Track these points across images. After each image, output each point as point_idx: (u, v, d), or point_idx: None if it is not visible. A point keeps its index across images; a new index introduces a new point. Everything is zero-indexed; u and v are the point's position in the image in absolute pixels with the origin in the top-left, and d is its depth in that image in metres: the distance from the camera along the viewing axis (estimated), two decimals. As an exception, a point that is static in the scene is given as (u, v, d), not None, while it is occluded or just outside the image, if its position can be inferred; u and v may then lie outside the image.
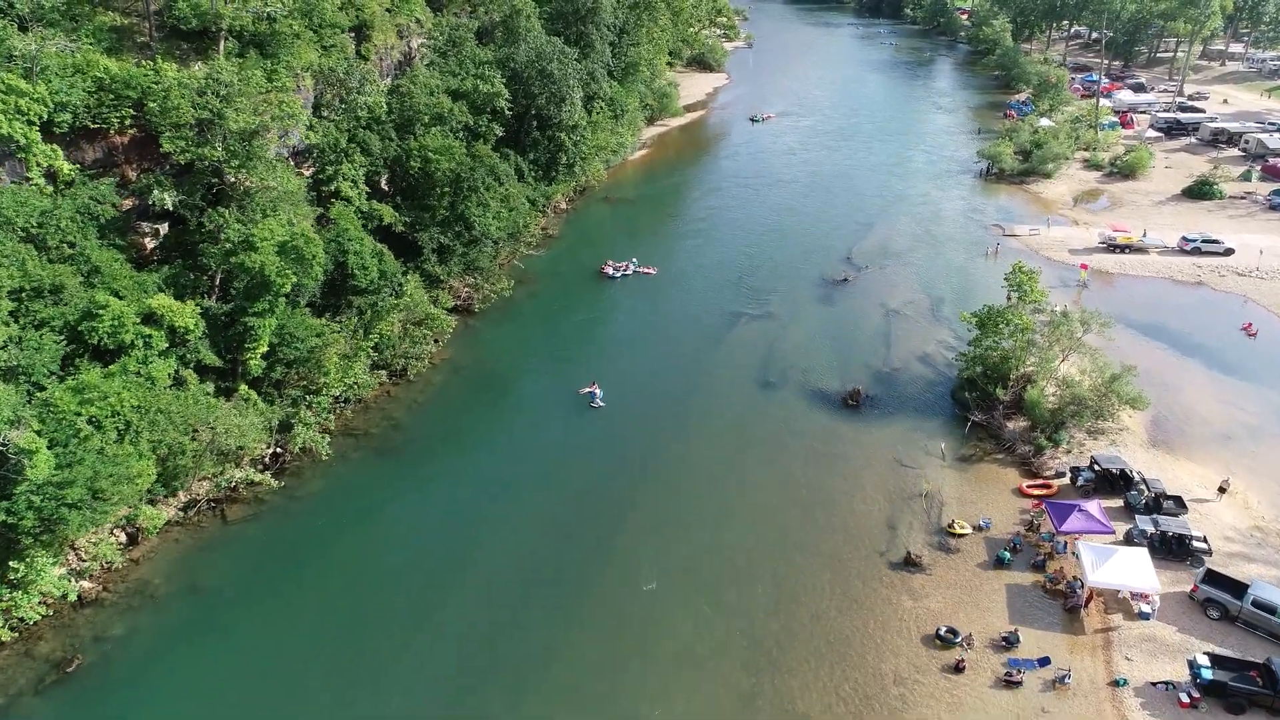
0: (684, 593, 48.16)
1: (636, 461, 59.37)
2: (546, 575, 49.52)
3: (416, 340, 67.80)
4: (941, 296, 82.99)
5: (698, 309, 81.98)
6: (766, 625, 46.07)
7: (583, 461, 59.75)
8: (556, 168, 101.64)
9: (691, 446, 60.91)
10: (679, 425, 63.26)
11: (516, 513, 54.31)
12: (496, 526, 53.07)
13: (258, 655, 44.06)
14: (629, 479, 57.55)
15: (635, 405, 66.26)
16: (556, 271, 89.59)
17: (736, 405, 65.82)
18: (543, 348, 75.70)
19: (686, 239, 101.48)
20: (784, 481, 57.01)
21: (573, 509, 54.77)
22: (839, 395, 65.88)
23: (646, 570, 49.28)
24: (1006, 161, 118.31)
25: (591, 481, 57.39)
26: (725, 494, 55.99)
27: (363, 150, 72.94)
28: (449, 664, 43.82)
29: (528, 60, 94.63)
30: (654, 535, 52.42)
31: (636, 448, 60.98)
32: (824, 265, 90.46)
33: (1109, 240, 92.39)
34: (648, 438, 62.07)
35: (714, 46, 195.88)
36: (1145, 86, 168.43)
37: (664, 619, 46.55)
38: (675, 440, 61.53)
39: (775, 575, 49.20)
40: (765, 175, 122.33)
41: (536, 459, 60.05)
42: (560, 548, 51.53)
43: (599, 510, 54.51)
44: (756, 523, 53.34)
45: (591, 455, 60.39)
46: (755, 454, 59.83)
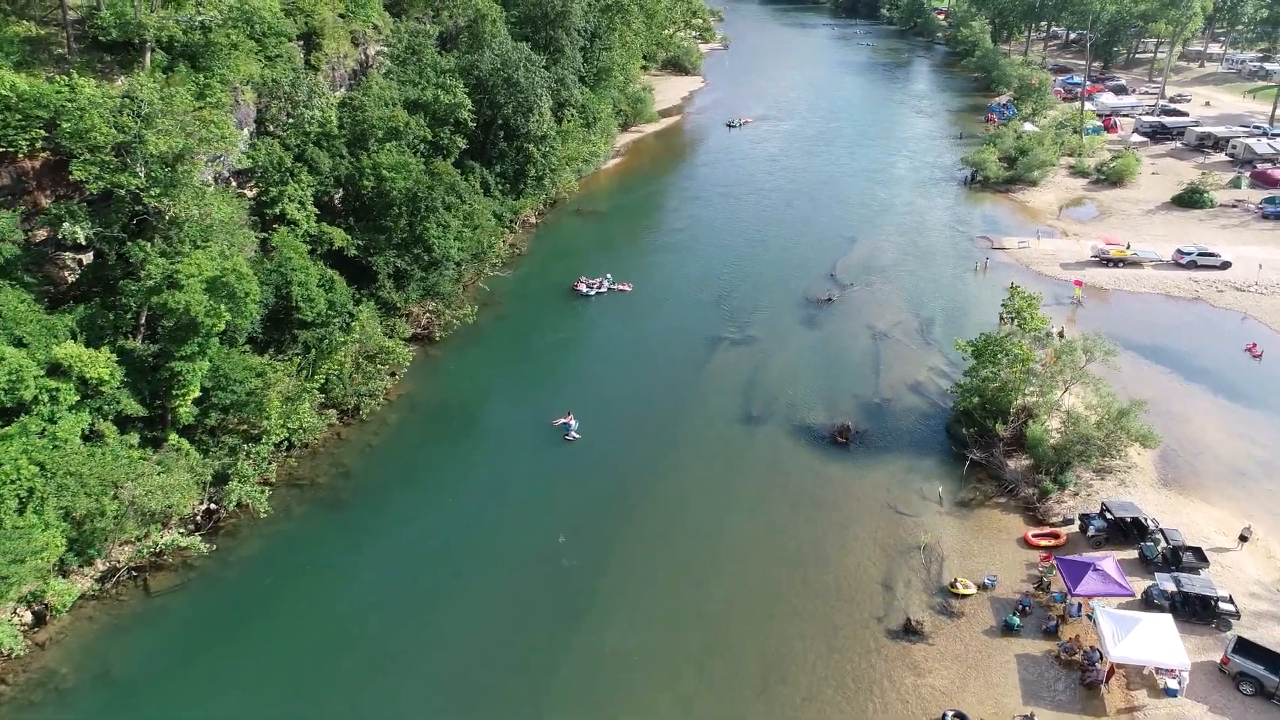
0: (663, 665, 42.96)
1: (613, 505, 54.17)
2: (512, 640, 44.25)
3: (370, 376, 62.08)
4: (930, 317, 78.20)
5: (676, 330, 76.80)
6: (753, 708, 40.94)
7: (555, 505, 54.41)
8: (525, 180, 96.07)
9: (672, 490, 55.69)
10: (658, 464, 58.07)
11: (479, 570, 48.90)
12: (456, 589, 47.63)
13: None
14: (605, 526, 52.36)
15: (612, 437, 61.21)
16: (526, 291, 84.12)
17: (719, 442, 60.66)
18: (512, 376, 70.26)
19: (663, 253, 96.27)
20: (772, 532, 51.86)
21: (543, 561, 49.44)
22: (827, 431, 60.86)
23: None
24: (991, 169, 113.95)
25: (564, 529, 52.02)
26: (709, 547, 50.77)
27: (311, 169, 67.10)
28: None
29: (492, 68, 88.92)
30: (631, 594, 47.22)
31: (613, 488, 55.78)
32: (807, 282, 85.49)
33: (1101, 254, 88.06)
34: (625, 477, 56.90)
35: (689, 49, 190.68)
36: (1126, 89, 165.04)
37: (642, 696, 41.34)
38: (655, 481, 56.32)
39: (763, 646, 44.05)
40: (745, 183, 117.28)
41: (504, 504, 54.70)
42: (528, 608, 46.20)
43: (571, 566, 49.16)
44: (742, 582, 48.17)
45: (564, 498, 55.07)
46: (740, 500, 54.67)
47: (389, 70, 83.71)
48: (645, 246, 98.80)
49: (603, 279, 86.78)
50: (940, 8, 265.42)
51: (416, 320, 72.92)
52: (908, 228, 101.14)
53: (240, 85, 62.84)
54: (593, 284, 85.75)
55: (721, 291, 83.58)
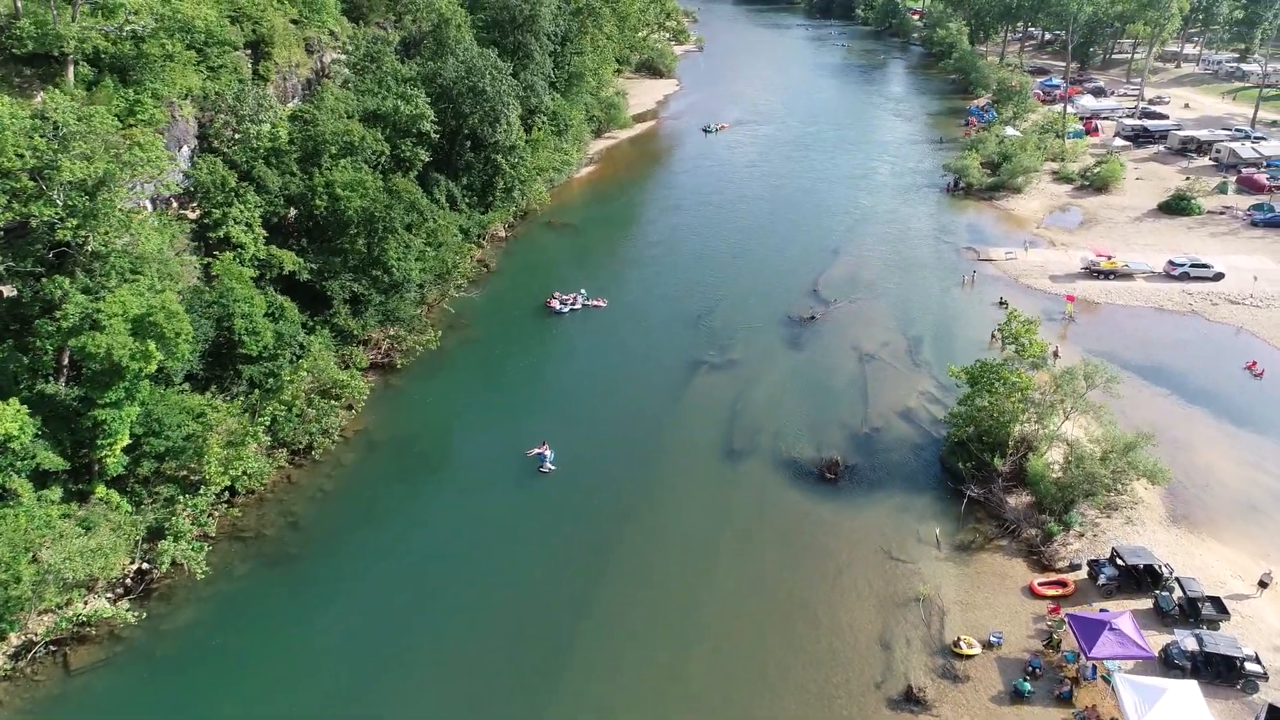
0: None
1: (589, 551, 49.95)
2: (483, 707, 39.83)
3: (323, 412, 57.17)
4: (918, 335, 74.30)
5: (655, 350, 72.49)
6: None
7: (527, 549, 50.13)
8: (493, 193, 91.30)
9: (652, 534, 51.34)
10: (638, 504, 53.75)
11: (444, 627, 44.41)
12: (419, 649, 43.13)
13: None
14: (581, 574, 48.18)
15: (589, 470, 57.35)
16: (496, 310, 79.51)
17: (700, 479, 56.38)
18: (481, 403, 65.68)
19: (639, 266, 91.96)
20: (758, 585, 47.56)
21: (510, 620, 44.98)
22: (815, 466, 56.72)
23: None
24: (974, 175, 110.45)
25: (536, 579, 47.72)
26: (691, 602, 46.39)
27: (259, 188, 62.06)
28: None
29: (456, 76, 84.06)
30: (607, 658, 42.85)
31: (590, 531, 51.56)
32: (789, 298, 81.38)
33: (1092, 265, 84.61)
34: (603, 517, 52.69)
35: (663, 51, 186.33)
36: (1105, 90, 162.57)
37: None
38: (634, 524, 51.99)
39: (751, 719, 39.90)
40: (723, 191, 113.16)
41: (472, 549, 50.43)
42: (497, 671, 41.75)
43: (543, 622, 44.79)
44: (728, 644, 43.83)
45: (538, 540, 50.83)
46: (724, 546, 50.37)
47: (346, 80, 78.65)
48: (621, 259, 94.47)
49: (577, 295, 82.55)
50: (915, 8, 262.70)
51: (377, 346, 68.15)
52: (891, 237, 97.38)
53: (177, 100, 57.75)
54: (567, 300, 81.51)
55: (701, 308, 79.33)
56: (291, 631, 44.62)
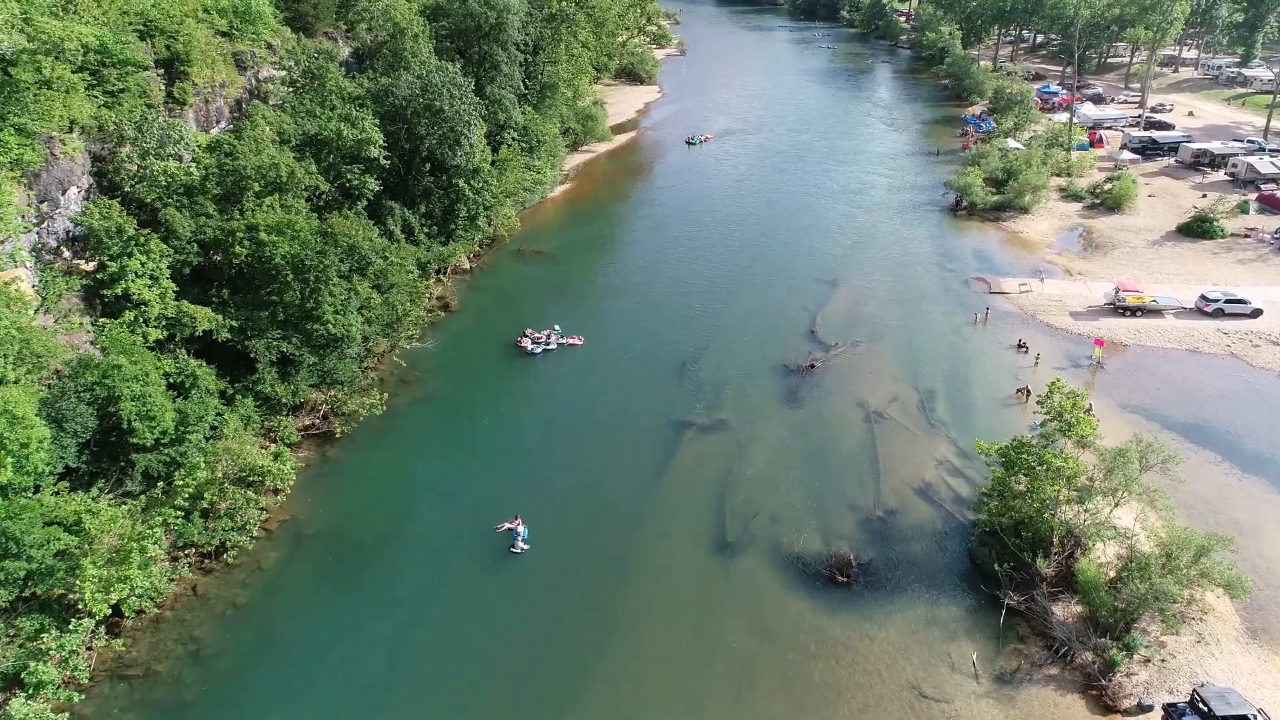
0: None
1: (563, 673, 40.36)
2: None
3: (237, 505, 47.40)
4: (931, 387, 65.21)
5: (636, 408, 63.08)
6: None
7: (490, 667, 40.63)
8: (455, 221, 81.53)
9: (633, 662, 41.90)
10: (618, 611, 44.41)
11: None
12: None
13: None
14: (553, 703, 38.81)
15: (565, 556, 48.78)
16: (457, 355, 70.00)
17: (689, 584, 46.85)
18: (438, 471, 56.16)
19: (620, 297, 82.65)
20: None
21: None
22: (822, 565, 47.49)
23: None
24: (977, 194, 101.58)
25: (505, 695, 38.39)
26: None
27: (167, 233, 52.19)
28: None
29: (410, 95, 74.20)
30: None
31: (565, 646, 41.97)
32: (785, 340, 72.14)
33: (1116, 301, 75.77)
34: (581, 626, 43.38)
35: (644, 56, 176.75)
36: (1104, 97, 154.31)
37: None
38: (614, 640, 42.53)
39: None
40: (711, 209, 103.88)
41: (424, 665, 40.86)
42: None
43: None
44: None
45: (504, 655, 41.22)
46: (716, 683, 40.91)
47: (282, 100, 68.64)
48: (599, 289, 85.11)
49: (550, 331, 73.56)
50: (902, 9, 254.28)
51: (315, 409, 58.44)
52: (892, 264, 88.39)
53: (58, 134, 47.70)
54: (539, 338, 72.48)
55: (687, 351, 70.00)
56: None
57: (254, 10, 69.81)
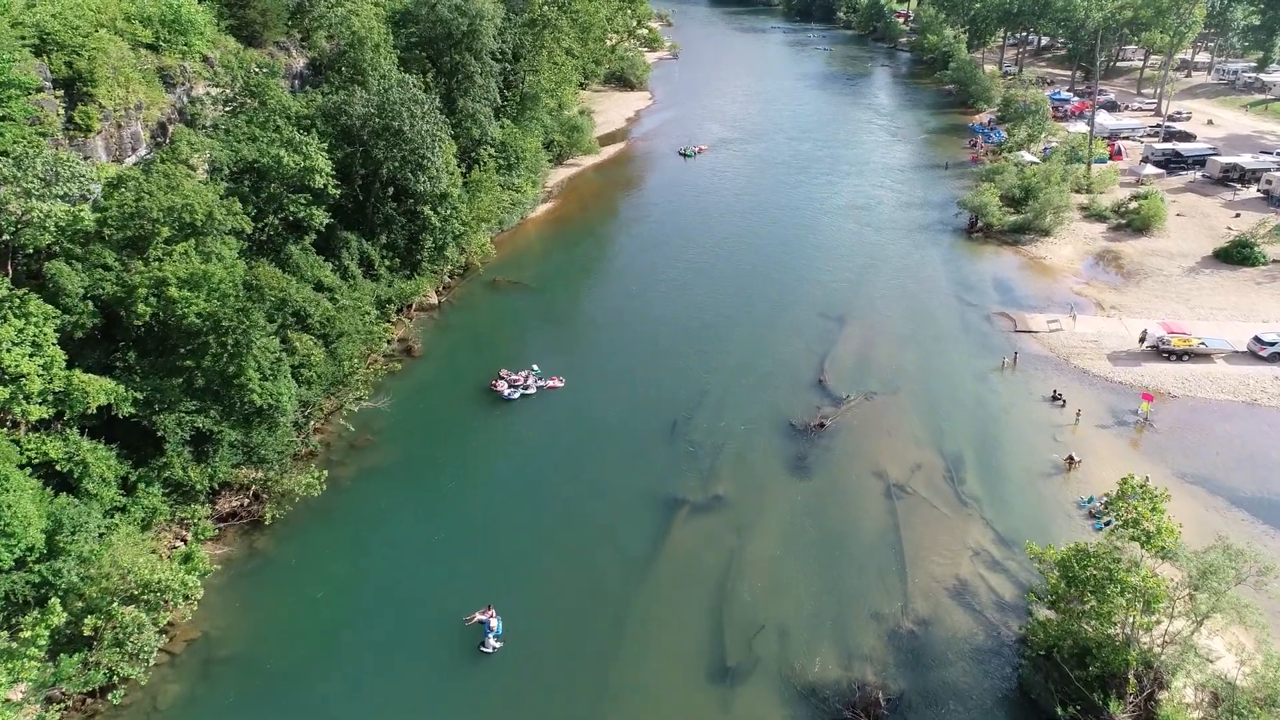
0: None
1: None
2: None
3: (128, 630, 38.30)
4: (958, 451, 56.31)
5: (622, 471, 54.61)
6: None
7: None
8: (421, 251, 72.40)
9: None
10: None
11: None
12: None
13: None
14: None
15: (542, 660, 40.84)
16: (421, 406, 61.37)
17: (681, 716, 38.21)
18: (392, 556, 47.51)
19: (604, 332, 74.09)
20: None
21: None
22: (843, 702, 38.59)
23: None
24: (993, 214, 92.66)
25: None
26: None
27: (53, 293, 43.04)
28: None
29: (364, 114, 65.01)
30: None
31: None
32: (789, 393, 63.23)
33: (1160, 343, 66.94)
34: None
35: (634, 61, 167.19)
36: (1117, 104, 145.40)
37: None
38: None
39: None
40: (706, 231, 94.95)
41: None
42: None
43: None
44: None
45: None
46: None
47: (215, 123, 59.33)
48: (582, 323, 76.41)
49: (528, 372, 65.38)
50: (901, 10, 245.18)
51: (244, 489, 49.35)
52: (905, 295, 79.50)
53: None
54: (516, 380, 64.18)
55: (680, 404, 61.11)
56: None
57: (185, 19, 60.51)
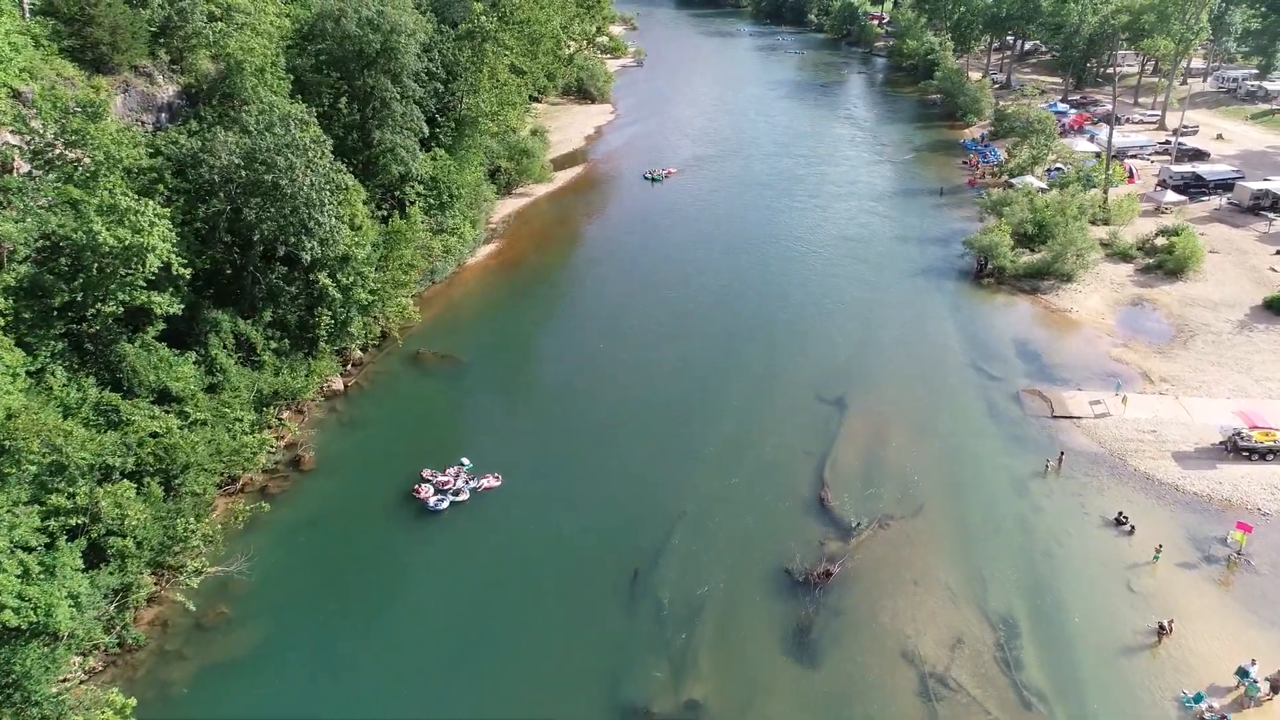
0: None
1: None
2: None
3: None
4: (1009, 616, 41.93)
5: (564, 663, 39.68)
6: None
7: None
8: (317, 330, 56.92)
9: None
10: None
11: None
12: None
13: None
14: None
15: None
16: (309, 541, 46.57)
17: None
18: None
19: (552, 410, 60.64)
20: None
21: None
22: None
23: None
24: (1005, 255, 78.80)
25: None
26: None
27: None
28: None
29: (229, 166, 49.37)
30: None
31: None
32: (782, 518, 48.69)
33: (1238, 437, 53.20)
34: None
35: (595, 70, 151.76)
36: (1112, 115, 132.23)
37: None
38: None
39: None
40: (677, 277, 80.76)
41: None
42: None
43: None
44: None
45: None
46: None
47: (8, 185, 43.45)
48: (527, 401, 62.35)
49: (458, 469, 51.61)
50: (875, 12, 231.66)
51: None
52: (913, 364, 65.40)
53: None
54: (443, 482, 50.30)
55: (643, 538, 46.50)
56: None
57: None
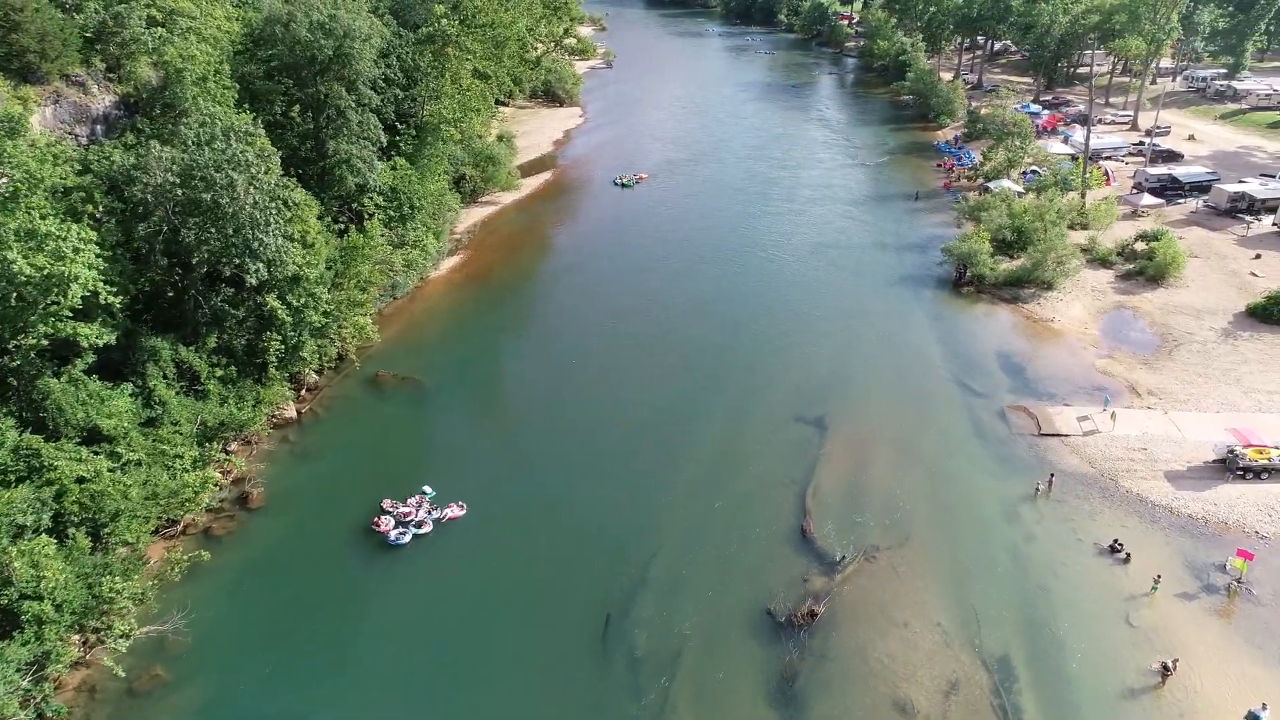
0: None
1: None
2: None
3: None
4: (1005, 657, 39.39)
5: (539, 708, 36.72)
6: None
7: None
8: (266, 355, 53.26)
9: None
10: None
11: None
12: None
13: None
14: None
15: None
16: (256, 588, 43.27)
17: None
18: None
19: (518, 433, 57.60)
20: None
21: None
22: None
23: None
24: (985, 263, 76.74)
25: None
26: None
27: None
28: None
29: (165, 184, 45.64)
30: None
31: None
32: (762, 552, 45.84)
33: (1233, 455, 51.18)
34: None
35: (563, 73, 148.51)
36: (1089, 117, 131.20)
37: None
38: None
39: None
40: (649, 287, 77.57)
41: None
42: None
43: None
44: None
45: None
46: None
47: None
48: (492, 423, 59.15)
49: (420, 498, 49.25)
50: (844, 12, 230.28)
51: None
52: (895, 379, 62.96)
53: None
54: (404, 513, 47.28)
55: (614, 576, 43.51)
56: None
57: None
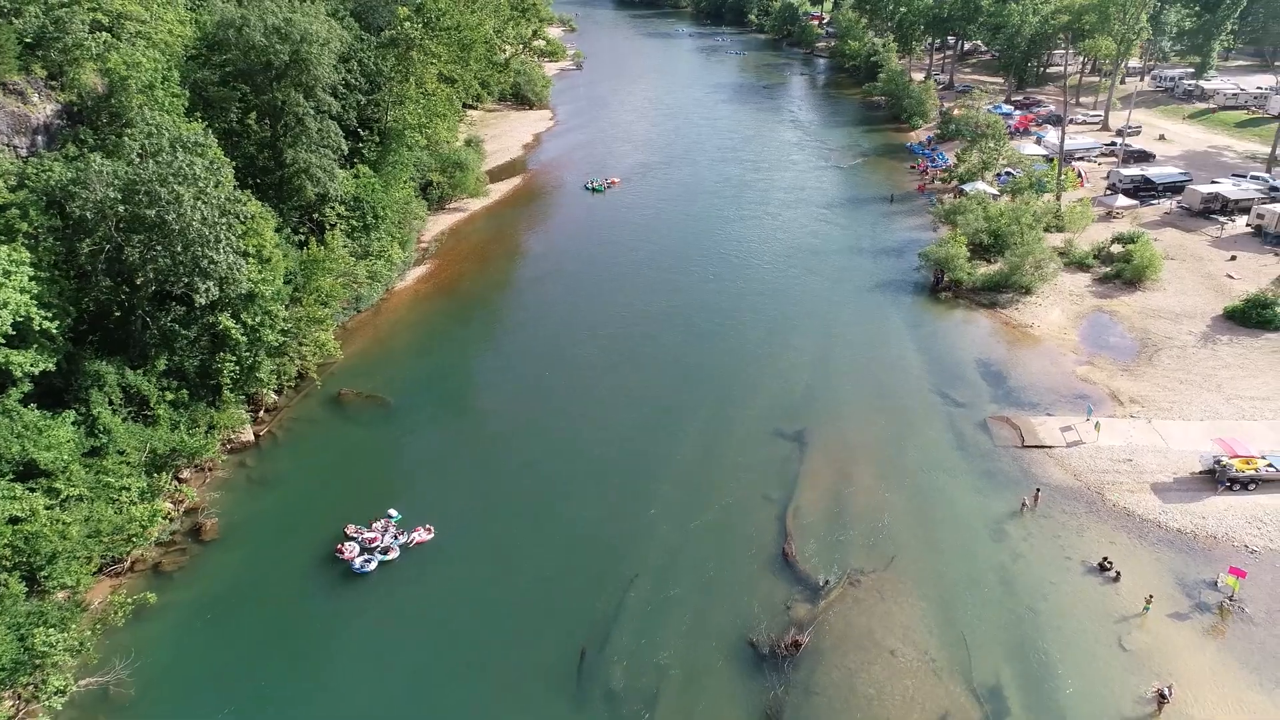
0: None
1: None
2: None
3: None
4: (996, 688, 37.77)
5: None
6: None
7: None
8: (220, 377, 50.57)
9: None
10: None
11: None
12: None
13: None
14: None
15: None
16: (210, 629, 40.62)
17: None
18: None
19: (488, 451, 55.03)
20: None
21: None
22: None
23: None
24: (962, 269, 75.57)
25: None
26: None
27: None
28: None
29: (106, 202, 42.87)
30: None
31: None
32: (745, 582, 43.92)
33: (1219, 466, 50.13)
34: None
35: (532, 75, 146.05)
36: (1060, 117, 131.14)
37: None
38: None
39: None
40: (622, 296, 75.63)
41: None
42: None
43: None
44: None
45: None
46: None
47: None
48: (460, 441, 56.61)
49: (386, 522, 46.79)
50: (815, 13, 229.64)
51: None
52: (874, 388, 61.43)
53: None
54: (370, 539, 44.84)
55: (594, 606, 41.54)
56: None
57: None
